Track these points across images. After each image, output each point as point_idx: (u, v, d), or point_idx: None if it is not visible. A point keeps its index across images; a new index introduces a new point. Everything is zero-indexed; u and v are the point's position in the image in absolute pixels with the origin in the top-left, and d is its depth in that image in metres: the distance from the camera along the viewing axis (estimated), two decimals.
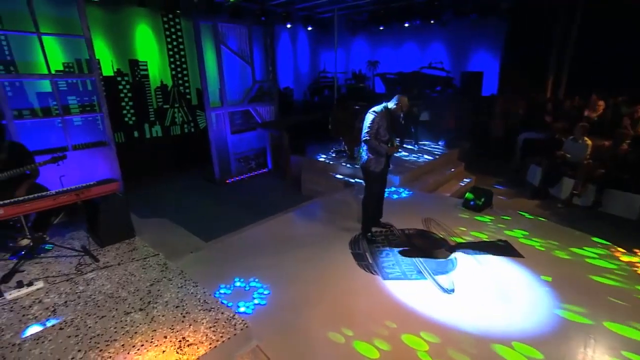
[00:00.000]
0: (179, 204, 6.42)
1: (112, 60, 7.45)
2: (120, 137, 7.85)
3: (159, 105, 8.44)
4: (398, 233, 4.37)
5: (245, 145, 8.07)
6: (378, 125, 3.71)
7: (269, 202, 6.34)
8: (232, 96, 7.75)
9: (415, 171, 6.53)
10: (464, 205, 5.12)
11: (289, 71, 11.88)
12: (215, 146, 7.44)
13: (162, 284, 3.10)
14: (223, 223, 5.31)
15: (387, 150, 3.81)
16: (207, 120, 7.24)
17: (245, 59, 7.71)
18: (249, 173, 8.10)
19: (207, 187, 7.45)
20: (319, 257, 3.84)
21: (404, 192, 5.75)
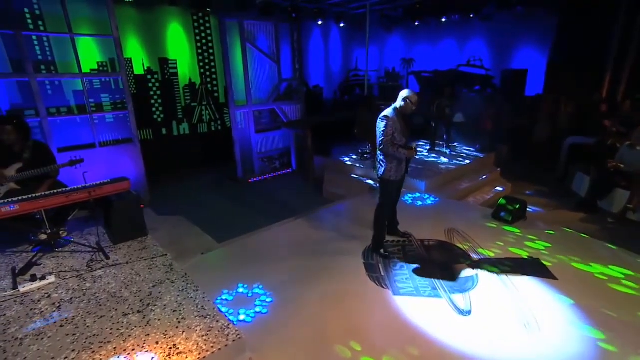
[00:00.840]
0: (199, 201, 6.56)
1: (144, 59, 7.73)
2: (148, 134, 8.15)
3: (187, 103, 8.67)
4: (417, 244, 4.18)
5: (269, 145, 8.11)
6: (392, 130, 3.56)
7: (288, 204, 6.33)
8: (258, 94, 7.81)
9: (444, 176, 6.28)
10: (494, 216, 4.84)
11: (319, 69, 11.83)
12: (239, 145, 7.54)
13: (165, 286, 3.14)
14: (239, 223, 5.38)
15: (407, 154, 3.64)
16: (231, 119, 7.34)
17: (272, 57, 7.74)
18: (273, 173, 8.14)
19: (229, 185, 7.57)
20: (329, 265, 3.77)
21: (429, 199, 5.54)
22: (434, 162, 6.93)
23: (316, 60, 11.68)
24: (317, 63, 11.74)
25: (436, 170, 6.38)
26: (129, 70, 7.58)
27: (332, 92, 11.85)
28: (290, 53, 8.17)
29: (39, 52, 6.21)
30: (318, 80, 11.64)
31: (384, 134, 3.56)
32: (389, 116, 3.57)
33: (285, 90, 8.41)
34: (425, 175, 6.11)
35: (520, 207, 4.79)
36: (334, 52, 12.28)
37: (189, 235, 4.89)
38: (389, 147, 3.57)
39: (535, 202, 6.44)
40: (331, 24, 11.56)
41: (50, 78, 5.94)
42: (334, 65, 12.44)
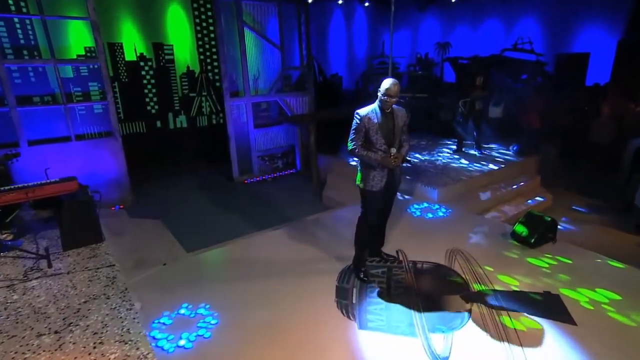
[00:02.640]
0: (184, 203, 6.60)
1: (136, 44, 7.88)
2: (140, 127, 8.32)
3: (185, 93, 8.77)
4: (406, 266, 3.92)
5: (270, 142, 8.04)
6: (365, 127, 3.32)
7: (281, 210, 6.23)
8: (258, 84, 7.75)
9: (466, 184, 5.95)
10: (513, 237, 4.47)
11: (340, 56, 11.66)
12: (234, 141, 7.51)
13: (97, 303, 3.10)
14: (219, 230, 5.38)
15: (382, 160, 3.35)
16: (226, 111, 7.32)
17: (273, 42, 7.64)
18: (273, 174, 8.06)
19: (224, 186, 7.58)
20: (296, 286, 3.63)
21: (440, 210, 5.27)
22: (456, 167, 6.61)
23: (336, 46, 11.51)
24: (338, 49, 11.56)
25: (454, 177, 6.05)
26: (120, 56, 7.75)
27: (354, 82, 11.63)
28: (295, 38, 8.03)
29: (20, 36, 6.45)
30: (338, 69, 11.45)
31: (352, 131, 3.38)
32: (358, 112, 3.36)
33: (291, 80, 8.31)
34: (440, 182, 5.82)
35: (547, 225, 4.39)
36: (358, 36, 12.04)
37: (157, 242, 4.90)
38: (356, 148, 3.36)
39: (581, 219, 5.97)
40: (354, 3, 11.33)
41: (17, 64, 6.06)
42: (358, 51, 12.22)
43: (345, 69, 11.69)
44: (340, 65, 11.61)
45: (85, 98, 6.62)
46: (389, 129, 3.38)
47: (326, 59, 11.18)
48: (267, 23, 7.63)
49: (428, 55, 11.73)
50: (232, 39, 7.49)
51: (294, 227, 4.94)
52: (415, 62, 12.00)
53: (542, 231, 4.34)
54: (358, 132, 3.34)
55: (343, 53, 11.69)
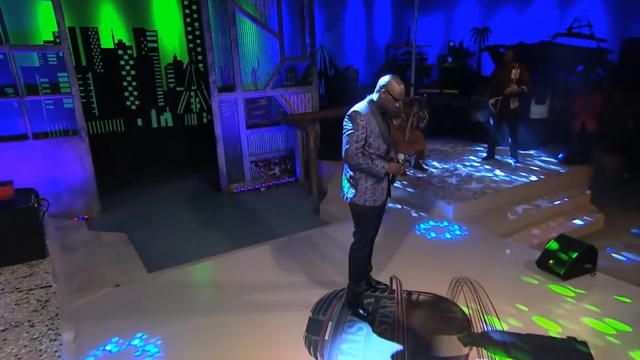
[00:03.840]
0: (159, 215, 6.63)
1: (113, 29, 8.04)
2: (118, 125, 8.46)
3: (171, 87, 8.88)
4: (399, 297, 3.79)
5: (265, 145, 8.03)
6: (364, 132, 3.21)
7: (270, 225, 6.18)
8: (251, 78, 7.76)
9: (489, 199, 5.79)
10: (539, 265, 4.27)
11: (357, 46, 11.61)
12: (222, 143, 7.52)
13: (18, 331, 3.09)
14: (194, 247, 5.45)
15: (389, 168, 3.29)
16: (212, 109, 7.35)
17: (271, 29, 7.65)
18: (268, 182, 8.03)
19: (209, 196, 7.60)
20: (262, 316, 3.56)
21: (454, 230, 5.16)
22: (482, 178, 6.46)
23: (353, 35, 11.47)
24: (355, 38, 11.53)
25: (477, 190, 5.91)
26: (95, 43, 7.92)
27: (372, 75, 11.55)
28: (297, 24, 8.02)
29: None
30: (354, 61, 11.41)
31: (348, 140, 3.24)
32: (359, 112, 3.23)
33: (304, 73, 8.31)
34: (458, 195, 5.69)
35: (584, 253, 4.15)
36: (379, 23, 11.98)
37: (116, 259, 4.92)
38: (357, 158, 3.23)
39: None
40: None
41: None
42: (380, 40, 12.15)
43: (362, 61, 11.62)
44: (357, 56, 11.54)
45: (53, 90, 6.76)
46: (387, 131, 3.35)
47: (340, 50, 11.14)
48: (267, 8, 7.65)
49: (462, 44, 11.54)
50: (224, 24, 7.55)
51: (277, 246, 4.91)
52: (447, 52, 11.83)
53: (577, 260, 4.11)
54: (359, 135, 3.20)
55: (361, 43, 11.63)
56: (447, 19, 12.46)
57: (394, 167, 3.32)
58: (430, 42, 12.24)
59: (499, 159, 7.39)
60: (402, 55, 11.78)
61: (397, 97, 3.20)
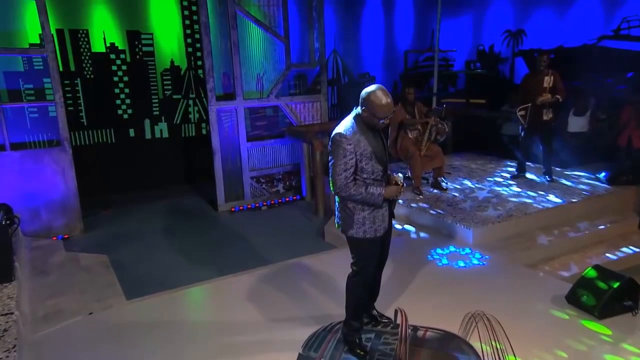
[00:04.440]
0: (150, 235, 6.69)
1: (105, 31, 8.20)
2: (108, 136, 8.56)
3: (167, 95, 8.99)
4: (403, 333, 3.67)
5: (268, 160, 8.05)
6: (353, 157, 3.11)
7: (269, 248, 6.16)
8: (254, 85, 7.82)
9: (516, 222, 5.70)
10: (570, 300, 4.15)
11: (375, 51, 11.66)
12: (220, 157, 7.56)
13: None
14: (183, 271, 5.51)
15: (387, 193, 3.19)
16: (209, 119, 7.40)
17: (275, 32, 7.71)
18: (270, 201, 8.01)
19: (204, 215, 7.65)
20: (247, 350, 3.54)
21: (473, 258, 5.11)
22: (509, 198, 6.37)
23: (371, 37, 11.52)
24: (373, 41, 11.57)
25: (503, 212, 5.82)
26: (84, 47, 8.08)
27: (391, 83, 11.57)
28: (305, 27, 8.09)
29: None
30: (370, 67, 11.45)
31: (335, 169, 3.14)
32: (344, 135, 3.11)
33: (314, 80, 8.35)
34: (480, 218, 5.61)
35: (624, 289, 4.00)
36: (400, 26, 12.02)
37: (92, 284, 4.93)
38: (348, 189, 3.14)
39: None
40: None
41: None
42: (401, 44, 12.17)
43: (380, 67, 11.64)
44: (375, 62, 11.57)
45: (38, 97, 6.89)
46: (382, 149, 3.26)
47: (355, 56, 11.17)
48: (272, 9, 7.73)
49: (493, 48, 11.52)
50: (225, 26, 7.63)
51: (272, 272, 4.92)
52: (475, 58, 11.81)
53: (615, 296, 3.96)
54: (347, 161, 3.10)
55: (378, 47, 11.65)
56: (476, 21, 12.47)
57: (393, 192, 3.23)
58: (457, 47, 12.24)
59: (531, 177, 7.29)
60: (424, 62, 11.76)
61: (380, 115, 3.05)
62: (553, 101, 6.71)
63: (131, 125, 8.76)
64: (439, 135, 6.71)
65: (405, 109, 6.74)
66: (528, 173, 7.39)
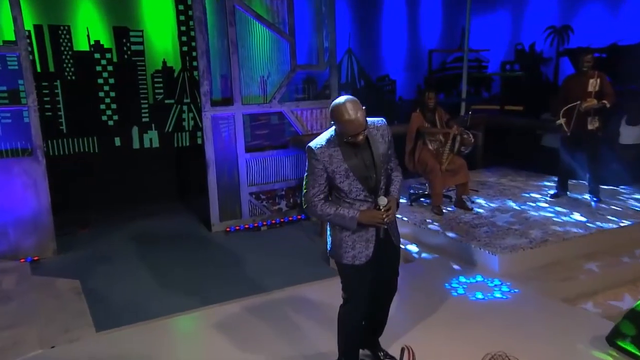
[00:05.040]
0: (132, 258, 6.70)
1: (88, 27, 8.33)
2: (90, 145, 8.67)
3: (158, 100, 9.09)
4: None
5: (270, 173, 8.05)
6: (324, 173, 3.10)
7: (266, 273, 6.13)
8: (254, 89, 7.86)
9: (552, 249, 5.67)
10: (611, 342, 4.04)
11: (398, 50, 11.69)
12: (215, 170, 7.58)
13: None
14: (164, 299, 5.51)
15: (362, 217, 3.11)
16: (203, 127, 7.43)
17: (279, 29, 7.75)
18: (271, 220, 8.01)
19: (197, 234, 7.69)
20: None
21: (499, 289, 5.06)
22: (545, 221, 6.33)
23: (392, 35, 11.55)
24: (394, 40, 11.60)
25: (537, 237, 5.76)
26: (65, 45, 8.22)
27: (414, 87, 11.57)
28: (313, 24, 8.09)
29: None
30: (391, 69, 11.48)
31: (305, 182, 3.23)
32: (313, 148, 3.11)
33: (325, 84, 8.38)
34: (508, 243, 5.58)
35: None
36: (426, 22, 12.03)
37: (59, 314, 4.94)
38: (315, 209, 3.18)
39: None
40: None
41: None
42: (426, 43, 12.17)
43: (402, 69, 11.64)
44: (396, 64, 11.57)
45: (12, 100, 6.98)
46: (365, 165, 3.16)
47: (374, 56, 11.19)
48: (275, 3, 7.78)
49: (534, 47, 11.44)
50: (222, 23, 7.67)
51: (260, 302, 4.89)
52: (513, 58, 11.73)
53: None
54: (316, 178, 3.12)
55: (401, 47, 11.66)
56: (515, 16, 12.41)
57: (371, 217, 3.11)
58: (492, 46, 12.21)
59: (574, 196, 7.24)
60: (452, 63, 11.73)
61: (345, 132, 2.97)
62: (599, 107, 6.64)
63: (117, 133, 8.86)
64: (463, 147, 6.65)
65: (424, 116, 6.73)
66: (570, 192, 7.34)
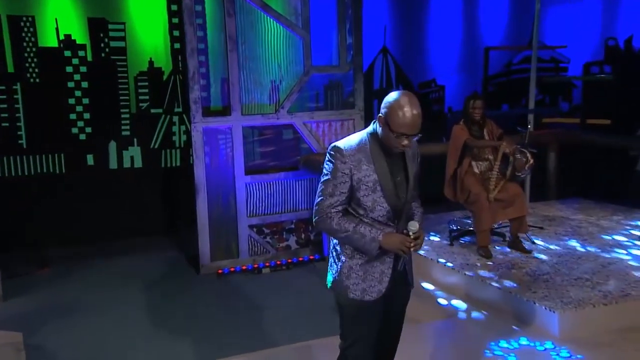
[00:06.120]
0: (96, 306, 6.74)
1: (57, 19, 8.51)
2: (56, 165, 8.79)
3: (142, 108, 9.22)
4: None
5: (276, 202, 8.09)
6: (348, 179, 3.13)
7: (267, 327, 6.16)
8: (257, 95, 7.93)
9: (633, 307, 5.55)
10: None
11: (449, 48, 11.70)
12: (206, 197, 7.63)
13: None
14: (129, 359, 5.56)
15: (385, 241, 3.13)
16: (193, 143, 7.47)
17: (290, 21, 7.83)
18: (276, 261, 7.99)
19: (181, 277, 7.73)
20: None
21: (558, 357, 5.00)
22: (627, 269, 6.32)
23: (442, 30, 11.56)
24: (444, 36, 11.62)
25: (615, 289, 5.76)
26: (29, 40, 8.41)
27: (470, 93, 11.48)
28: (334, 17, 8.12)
29: None
30: (439, 72, 11.46)
31: (321, 190, 3.21)
32: (340, 150, 3.15)
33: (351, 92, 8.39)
34: (573, 297, 5.52)
35: None
36: (488, 11, 12.01)
37: None
38: (329, 221, 3.18)
39: None
40: None
41: None
42: (487, 38, 12.15)
43: (454, 72, 11.62)
44: (445, 66, 11.59)
45: None
46: (396, 181, 3.23)
47: (416, 56, 11.23)
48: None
49: (631, 42, 11.42)
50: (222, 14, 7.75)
51: None
52: (603, 57, 11.69)
53: None
54: (338, 185, 3.14)
55: (453, 45, 11.69)
56: (606, 5, 12.29)
57: (394, 241, 3.12)
58: (573, 41, 12.10)
59: None
60: (520, 63, 11.62)
61: (397, 130, 3.02)
62: None
63: (90, 149, 8.98)
64: (520, 171, 6.52)
65: (469, 130, 6.65)
66: None
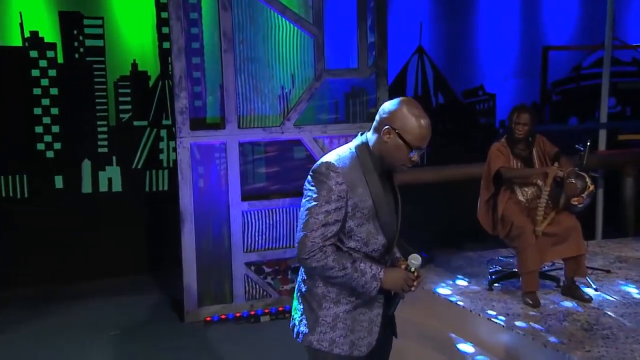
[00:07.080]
0: None
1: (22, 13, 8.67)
2: (18, 188, 8.93)
3: (123, 120, 9.36)
4: None
5: (279, 234, 8.15)
6: (343, 205, 3.12)
7: None
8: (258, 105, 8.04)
9: None
10: None
11: (503, 49, 11.71)
12: (193, 228, 7.69)
13: None
14: None
15: (387, 279, 3.19)
16: (178, 162, 7.57)
17: (299, 16, 7.93)
18: (278, 307, 8.03)
19: (161, 325, 7.77)
20: None
21: None
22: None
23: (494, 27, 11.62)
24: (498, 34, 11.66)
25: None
26: None
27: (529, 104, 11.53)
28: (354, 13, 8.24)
29: None
30: (489, 78, 11.46)
31: (305, 218, 3.16)
32: (334, 168, 3.11)
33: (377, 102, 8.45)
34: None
35: None
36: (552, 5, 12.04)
37: None
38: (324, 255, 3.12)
39: None
40: None
41: None
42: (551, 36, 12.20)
43: (511, 78, 11.60)
44: (497, 70, 11.60)
45: None
46: (392, 209, 3.32)
47: (463, 59, 11.30)
48: None
49: None
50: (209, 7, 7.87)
51: None
52: None
53: None
54: (331, 212, 3.10)
55: (507, 45, 11.71)
56: None
57: (397, 278, 3.21)
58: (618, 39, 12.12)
59: None
60: (592, 67, 11.60)
61: (415, 143, 3.07)
62: None
63: (59, 169, 9.11)
64: (574, 200, 6.43)
65: (511, 150, 6.62)
66: None
